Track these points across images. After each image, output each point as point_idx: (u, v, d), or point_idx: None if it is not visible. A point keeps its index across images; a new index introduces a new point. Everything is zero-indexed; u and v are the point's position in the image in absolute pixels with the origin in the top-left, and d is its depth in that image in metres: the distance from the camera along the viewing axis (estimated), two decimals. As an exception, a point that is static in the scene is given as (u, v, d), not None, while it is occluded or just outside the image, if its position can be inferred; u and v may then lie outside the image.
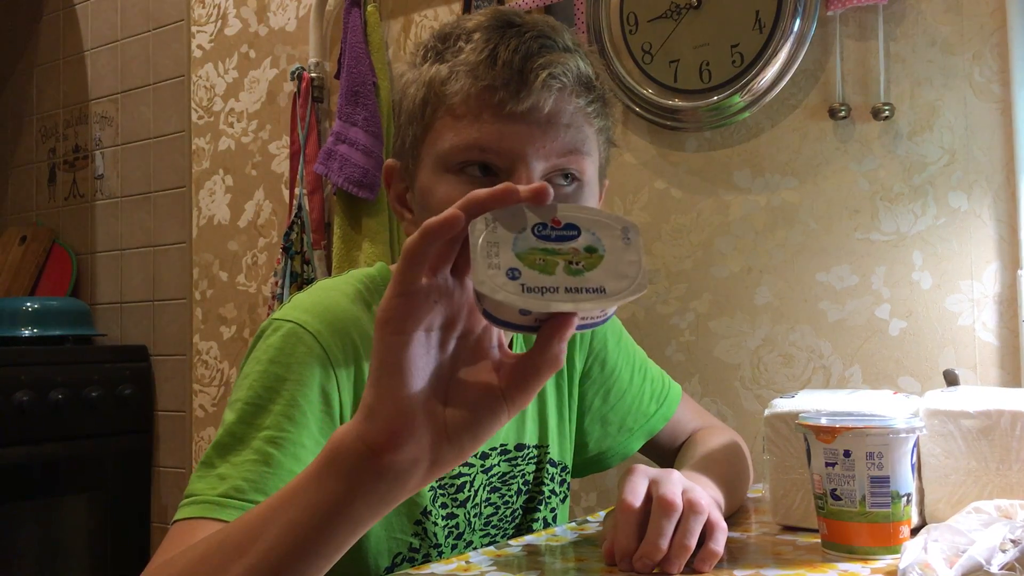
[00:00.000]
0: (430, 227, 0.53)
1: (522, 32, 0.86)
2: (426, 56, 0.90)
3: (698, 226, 1.62)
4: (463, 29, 0.88)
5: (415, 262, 0.53)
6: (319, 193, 2.06)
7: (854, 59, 1.47)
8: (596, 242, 0.55)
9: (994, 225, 1.36)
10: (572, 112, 0.87)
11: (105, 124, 2.63)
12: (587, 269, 0.54)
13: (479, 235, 0.53)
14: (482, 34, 0.86)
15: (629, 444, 1.16)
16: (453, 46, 0.88)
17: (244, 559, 0.60)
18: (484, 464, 1.00)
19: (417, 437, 0.55)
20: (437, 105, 0.87)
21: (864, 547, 0.84)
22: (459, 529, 0.98)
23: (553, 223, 0.54)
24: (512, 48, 0.84)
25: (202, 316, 2.38)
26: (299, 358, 0.85)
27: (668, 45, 1.61)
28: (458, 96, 0.86)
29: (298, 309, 0.89)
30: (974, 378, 1.36)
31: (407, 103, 0.91)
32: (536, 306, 0.52)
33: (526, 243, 0.54)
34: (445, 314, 0.56)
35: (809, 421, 0.87)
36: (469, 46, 0.86)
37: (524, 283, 0.52)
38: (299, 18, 2.21)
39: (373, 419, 0.56)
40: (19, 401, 2.15)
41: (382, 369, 0.55)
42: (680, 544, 0.79)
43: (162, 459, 2.45)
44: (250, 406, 0.83)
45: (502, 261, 0.53)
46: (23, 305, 2.43)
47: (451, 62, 0.87)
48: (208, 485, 0.79)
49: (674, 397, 1.19)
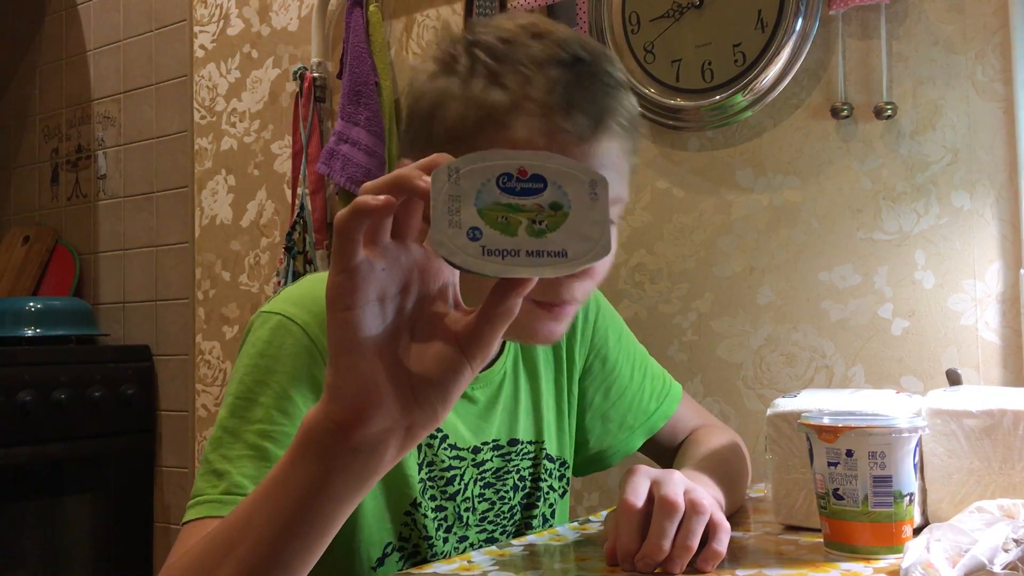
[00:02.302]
0: (363, 206, 0.52)
1: (592, 72, 0.84)
2: (473, 70, 0.84)
3: (700, 225, 1.62)
4: (524, 53, 0.84)
5: (347, 238, 0.52)
6: (321, 193, 2.06)
7: (856, 58, 1.47)
8: (562, 197, 0.53)
9: (997, 224, 1.36)
10: (618, 153, 0.87)
11: (108, 124, 2.63)
12: (550, 229, 0.52)
13: (441, 187, 0.51)
14: (554, 70, 0.83)
15: (630, 442, 1.16)
16: (513, 70, 0.83)
17: (236, 552, 0.61)
18: (475, 458, 1.00)
19: (384, 407, 0.55)
20: (494, 133, 0.83)
21: (867, 547, 0.83)
22: (448, 522, 0.98)
23: (519, 173, 0.53)
24: (588, 97, 0.83)
25: (205, 316, 2.38)
26: (288, 350, 0.85)
27: (670, 44, 1.61)
28: (523, 130, 0.82)
29: (286, 301, 0.89)
30: (977, 377, 1.36)
31: (446, 117, 0.85)
32: (495, 271, 0.51)
33: (490, 196, 0.52)
34: (396, 279, 0.55)
35: (811, 421, 0.87)
36: (538, 80, 0.82)
37: (485, 245, 0.51)
38: (301, 18, 2.21)
39: (337, 397, 0.56)
40: (22, 401, 2.15)
41: (338, 347, 0.55)
42: (683, 544, 0.79)
43: (165, 459, 2.45)
44: (240, 400, 0.84)
45: (463, 219, 0.51)
46: (26, 305, 2.43)
47: (514, 91, 0.83)
48: (208, 483, 0.80)
49: (675, 395, 1.19)
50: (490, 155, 0.53)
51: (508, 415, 1.04)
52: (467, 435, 0.99)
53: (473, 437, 1.00)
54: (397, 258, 0.55)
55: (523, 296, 0.54)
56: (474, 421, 1.01)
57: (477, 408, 1.01)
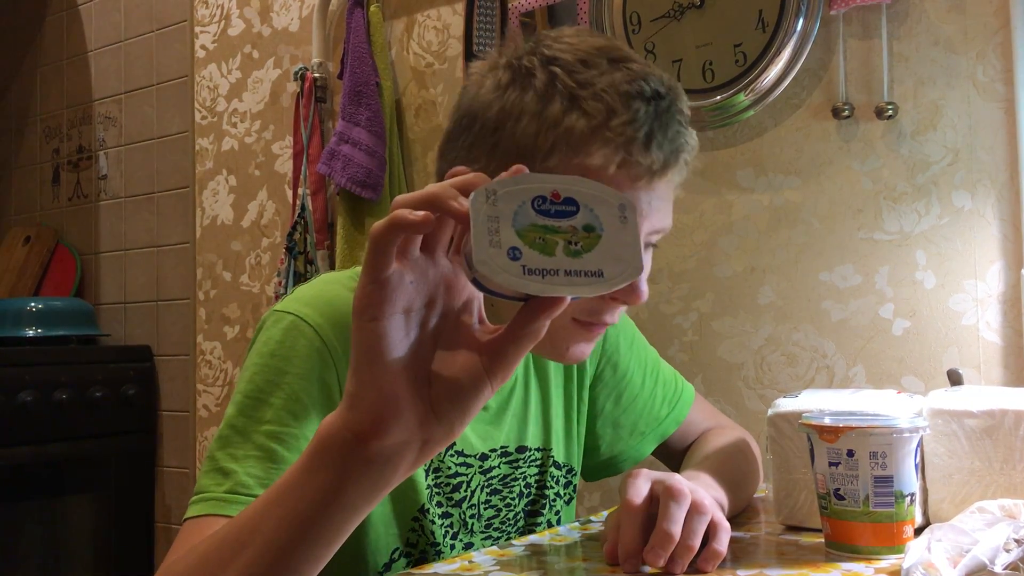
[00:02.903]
0: (401, 221, 0.52)
1: (670, 109, 0.85)
2: (550, 89, 0.83)
3: (701, 226, 1.62)
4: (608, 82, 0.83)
5: (381, 250, 0.52)
6: (322, 193, 2.06)
7: (857, 58, 1.47)
8: (594, 220, 0.54)
9: (998, 224, 1.36)
10: (674, 186, 0.89)
11: (109, 124, 2.63)
12: (585, 250, 0.53)
13: (480, 208, 0.52)
14: (636, 103, 0.83)
15: (641, 448, 1.16)
16: (594, 96, 0.83)
17: (244, 554, 0.60)
18: (483, 465, 1.00)
19: (403, 420, 0.55)
20: (568, 156, 0.83)
21: (868, 547, 0.83)
22: (454, 529, 0.98)
23: (553, 196, 0.54)
24: (665, 134, 0.84)
25: (206, 316, 2.38)
26: (299, 351, 0.85)
27: (671, 44, 1.61)
28: (599, 160, 0.83)
29: (299, 302, 0.88)
30: (978, 378, 1.36)
31: (519, 131, 0.84)
32: (537, 289, 0.52)
33: (526, 219, 0.53)
34: (423, 293, 0.56)
35: (812, 421, 0.87)
36: (623, 112, 0.82)
37: (525, 264, 0.52)
38: (302, 18, 2.21)
39: (356, 407, 0.56)
40: (23, 401, 2.15)
41: (361, 357, 0.55)
42: (684, 544, 0.79)
43: (166, 459, 2.45)
44: (250, 399, 0.83)
45: (503, 239, 0.52)
46: (27, 305, 2.43)
47: (594, 118, 0.82)
48: (213, 481, 0.80)
49: (687, 399, 1.18)
50: (524, 178, 0.54)
51: (518, 421, 1.04)
52: (476, 442, 0.99)
53: (481, 444, 1.00)
54: (425, 272, 0.55)
55: (552, 318, 0.54)
56: (484, 428, 1.00)
57: (488, 415, 1.01)
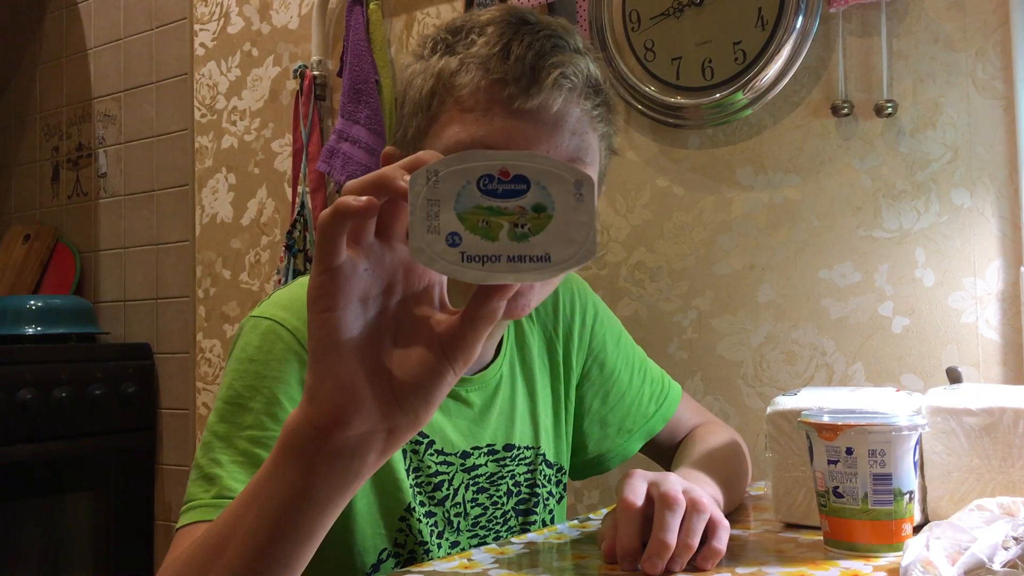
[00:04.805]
0: (344, 208, 0.51)
1: (536, 30, 0.85)
2: (435, 48, 0.89)
3: (700, 223, 1.62)
4: (476, 23, 0.87)
5: (329, 239, 0.51)
6: (322, 191, 2.06)
7: (857, 56, 1.47)
8: (545, 199, 0.51)
9: (997, 222, 1.36)
10: (578, 116, 0.86)
11: (108, 122, 2.63)
12: (533, 232, 0.50)
13: (419, 191, 0.50)
14: (496, 28, 0.86)
15: (629, 445, 1.16)
16: (464, 39, 0.87)
17: (224, 556, 0.60)
18: (465, 463, 0.99)
19: (364, 410, 0.54)
20: (445, 96, 0.86)
21: (866, 545, 0.84)
22: (439, 527, 0.98)
23: (501, 175, 0.51)
24: (526, 44, 0.84)
25: (205, 314, 2.38)
26: (277, 355, 0.85)
27: (670, 42, 1.61)
28: (467, 88, 0.85)
29: (276, 306, 0.89)
30: (977, 375, 1.36)
31: (412, 93, 0.90)
32: (476, 278, 0.50)
33: (470, 200, 0.50)
34: (380, 280, 0.54)
35: (811, 419, 0.87)
36: (482, 39, 0.85)
37: (464, 251, 0.50)
38: (301, 16, 2.21)
39: (316, 400, 0.55)
40: (23, 399, 2.15)
41: (318, 348, 0.54)
42: (683, 543, 0.79)
43: (165, 457, 2.45)
44: (231, 405, 0.84)
45: (442, 224, 0.50)
46: (27, 303, 2.43)
47: (462, 54, 0.86)
48: (200, 488, 0.81)
49: (674, 397, 1.18)
50: (471, 155, 0.51)
51: (505, 420, 1.04)
52: (456, 440, 0.99)
53: (464, 442, 0.99)
54: (381, 258, 0.54)
55: (507, 299, 0.53)
56: (468, 425, 1.00)
57: (472, 411, 1.00)
